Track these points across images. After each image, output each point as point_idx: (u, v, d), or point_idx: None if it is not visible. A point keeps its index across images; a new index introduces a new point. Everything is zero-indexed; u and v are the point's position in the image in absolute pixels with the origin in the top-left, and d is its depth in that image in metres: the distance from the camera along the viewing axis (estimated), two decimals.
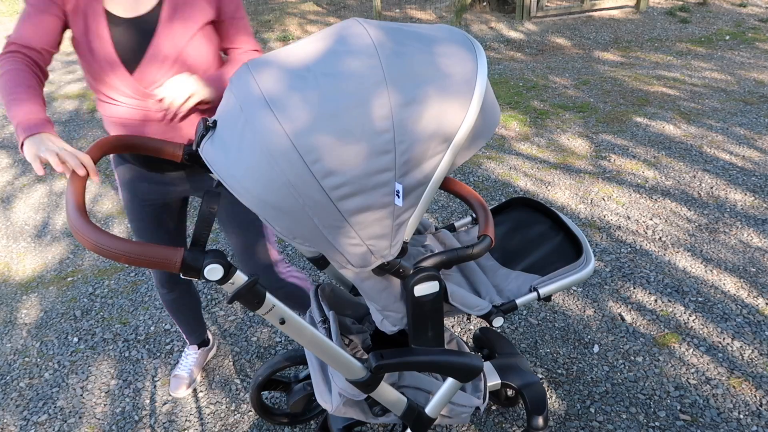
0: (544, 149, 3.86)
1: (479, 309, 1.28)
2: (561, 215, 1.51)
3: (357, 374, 1.27)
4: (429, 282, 1.18)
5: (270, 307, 1.08)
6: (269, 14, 7.94)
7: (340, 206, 0.99)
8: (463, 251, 1.18)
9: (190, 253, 0.93)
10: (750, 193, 3.17)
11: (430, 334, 1.27)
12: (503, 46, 6.43)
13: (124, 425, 2.01)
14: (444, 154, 1.01)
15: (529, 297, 1.33)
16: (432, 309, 1.23)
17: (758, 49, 5.84)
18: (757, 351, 2.13)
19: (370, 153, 0.96)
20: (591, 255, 1.39)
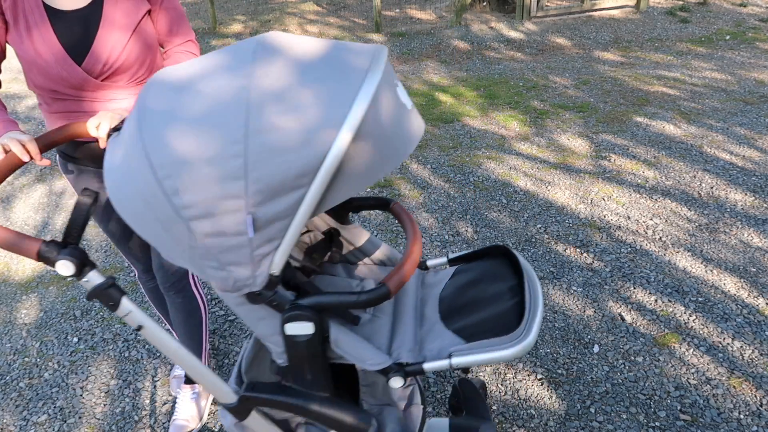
0: (544, 149, 3.86)
1: (372, 363, 1.15)
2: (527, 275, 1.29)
3: (226, 398, 1.22)
4: (301, 322, 1.08)
5: (127, 311, 1.09)
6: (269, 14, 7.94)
7: (193, 227, 0.96)
8: (347, 297, 1.07)
9: (46, 246, 0.98)
10: (750, 193, 3.17)
11: (309, 377, 1.18)
12: (503, 46, 6.43)
13: (124, 425, 2.01)
14: (307, 188, 0.93)
15: (440, 364, 1.15)
16: (308, 351, 1.13)
17: (758, 49, 5.84)
18: (757, 351, 2.13)
19: (221, 177, 0.92)
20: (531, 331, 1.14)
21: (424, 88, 5.33)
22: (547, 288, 2.53)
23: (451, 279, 1.40)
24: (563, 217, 3.06)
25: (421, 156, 3.87)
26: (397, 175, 3.61)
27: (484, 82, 5.37)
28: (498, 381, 2.07)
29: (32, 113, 5.12)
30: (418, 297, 1.38)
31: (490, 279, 1.34)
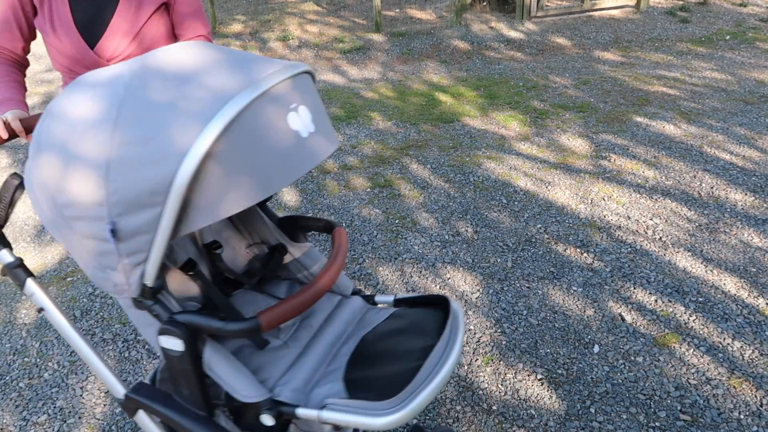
0: (544, 149, 3.86)
1: (244, 395, 1.09)
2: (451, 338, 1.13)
3: (115, 393, 1.24)
4: (171, 338, 1.07)
5: (31, 292, 1.16)
6: (269, 14, 7.93)
7: (74, 226, 1.01)
8: (215, 323, 1.04)
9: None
10: (750, 193, 3.17)
11: (185, 392, 1.16)
12: (503, 46, 6.42)
13: (124, 425, 2.01)
14: (162, 207, 0.92)
15: (310, 413, 1.07)
16: (180, 368, 1.11)
17: (758, 49, 5.84)
18: (757, 351, 2.13)
19: (88, 182, 0.95)
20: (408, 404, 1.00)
21: (424, 88, 5.33)
22: (547, 288, 2.53)
23: (383, 322, 1.31)
24: (563, 217, 3.06)
25: (421, 156, 3.87)
26: (398, 175, 3.61)
27: (484, 82, 5.37)
28: (498, 381, 2.07)
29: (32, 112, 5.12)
30: (344, 333, 1.31)
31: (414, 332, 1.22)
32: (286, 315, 1.03)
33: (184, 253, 1.35)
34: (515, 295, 2.49)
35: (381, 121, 4.56)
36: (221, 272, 1.45)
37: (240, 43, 7.04)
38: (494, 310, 2.42)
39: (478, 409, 1.96)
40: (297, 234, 1.43)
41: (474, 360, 2.17)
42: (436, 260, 2.76)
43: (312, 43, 6.93)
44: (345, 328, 1.32)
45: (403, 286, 2.59)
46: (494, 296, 2.49)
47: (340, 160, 3.88)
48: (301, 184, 3.59)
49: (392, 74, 5.90)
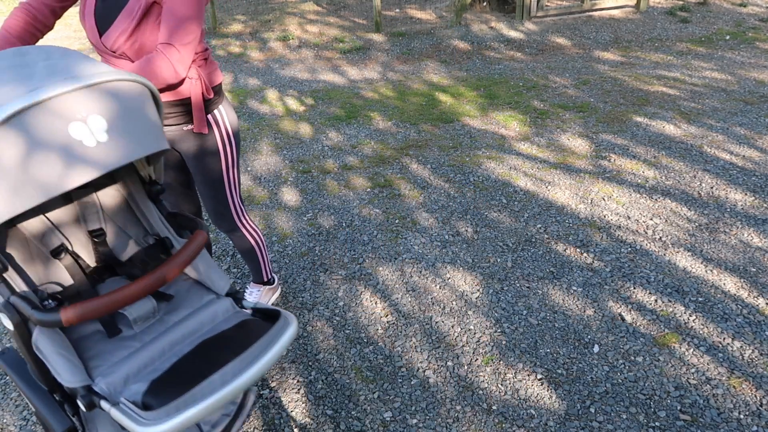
0: (544, 149, 3.86)
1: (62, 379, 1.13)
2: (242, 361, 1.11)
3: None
4: (4, 317, 1.15)
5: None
6: (269, 14, 7.94)
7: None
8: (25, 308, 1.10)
9: None
10: (750, 193, 3.17)
11: (30, 365, 1.21)
12: (503, 46, 6.43)
13: None
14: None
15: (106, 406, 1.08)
16: (20, 343, 1.17)
17: (758, 49, 5.84)
18: (757, 351, 2.13)
19: None
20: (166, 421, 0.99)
21: (424, 88, 5.33)
22: (547, 288, 2.53)
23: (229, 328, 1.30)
24: (563, 217, 3.06)
25: (421, 156, 3.87)
26: (398, 175, 3.61)
27: (484, 82, 5.38)
28: (498, 381, 2.07)
29: None
30: (197, 333, 1.30)
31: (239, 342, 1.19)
32: (88, 313, 1.07)
33: (57, 238, 1.40)
34: (515, 295, 2.49)
35: (381, 121, 4.56)
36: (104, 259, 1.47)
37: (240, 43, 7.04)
38: (494, 310, 2.42)
39: (478, 409, 1.96)
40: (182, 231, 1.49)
41: (474, 360, 2.17)
42: (436, 260, 2.76)
43: (312, 43, 6.93)
44: (199, 328, 1.30)
45: (403, 285, 2.59)
46: (494, 296, 2.50)
47: (340, 160, 3.88)
48: (301, 184, 3.59)
49: (392, 74, 5.90)
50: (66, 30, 7.87)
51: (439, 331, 2.32)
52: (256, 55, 6.59)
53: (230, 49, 6.78)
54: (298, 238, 3.01)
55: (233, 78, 5.87)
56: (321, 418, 1.96)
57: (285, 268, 2.77)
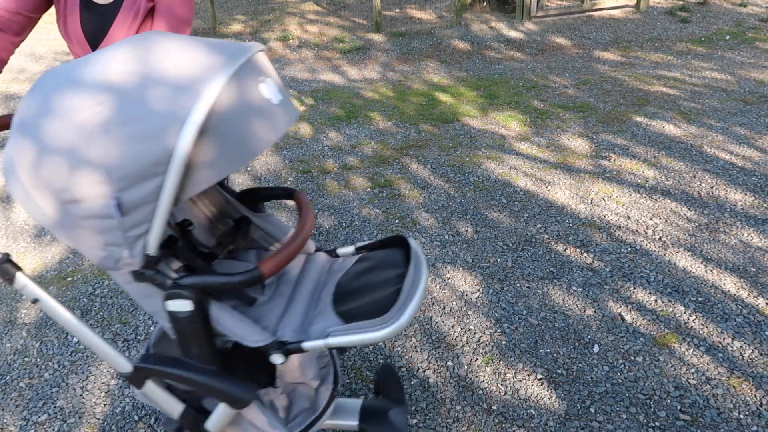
0: (544, 149, 3.86)
1: (252, 341, 1.22)
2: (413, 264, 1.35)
3: (121, 369, 1.30)
4: (180, 300, 1.17)
5: (22, 285, 1.17)
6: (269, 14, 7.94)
7: (70, 210, 1.05)
8: (221, 278, 1.16)
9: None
10: (750, 192, 3.17)
11: (195, 351, 1.26)
12: (503, 46, 6.43)
13: (124, 425, 2.01)
14: (164, 176, 1.01)
15: (317, 343, 1.23)
16: (190, 327, 1.21)
17: (758, 49, 5.84)
18: (757, 351, 2.13)
19: (85, 164, 1.00)
20: (402, 316, 1.21)
21: (424, 88, 5.33)
22: (547, 288, 2.53)
23: (352, 266, 1.48)
24: (563, 217, 3.06)
25: (421, 156, 3.87)
26: (398, 175, 3.61)
27: (484, 82, 5.38)
28: (498, 381, 2.07)
29: None
30: (320, 282, 1.46)
31: (384, 267, 1.41)
32: (283, 261, 1.15)
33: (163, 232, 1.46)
34: (515, 295, 2.49)
35: (381, 121, 4.56)
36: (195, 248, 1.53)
37: None
38: (494, 310, 2.42)
39: (478, 409, 1.96)
40: (256, 205, 1.55)
41: (474, 360, 2.17)
42: (436, 260, 2.76)
43: (312, 43, 6.93)
44: (319, 278, 1.47)
45: None
46: (494, 296, 2.50)
47: (340, 160, 3.88)
48: (301, 184, 3.59)
49: (392, 74, 5.90)
50: None
51: (439, 331, 2.32)
52: None
53: None
54: None
55: None
56: None
57: None
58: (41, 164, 1.02)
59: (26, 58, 6.73)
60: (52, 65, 6.34)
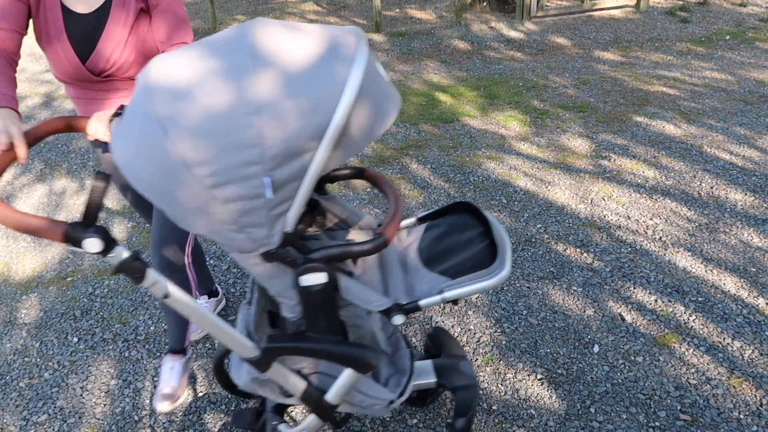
0: (544, 149, 3.86)
1: (376, 305, 1.30)
2: (492, 221, 1.49)
3: (249, 353, 1.32)
4: (315, 273, 1.21)
5: (153, 281, 1.15)
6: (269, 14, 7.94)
7: (215, 194, 1.05)
8: (353, 247, 1.21)
9: (72, 227, 1.03)
10: (750, 192, 3.17)
11: (323, 323, 1.31)
12: (503, 46, 6.42)
13: (124, 425, 2.01)
14: (315, 151, 1.05)
15: (434, 299, 1.32)
16: (321, 299, 1.26)
17: (758, 49, 5.84)
18: (757, 351, 2.13)
19: (239, 146, 1.01)
20: (505, 263, 1.35)
21: (424, 88, 5.33)
22: (547, 288, 2.53)
23: (424, 234, 1.57)
24: (563, 217, 3.06)
25: (421, 156, 3.87)
26: (398, 175, 3.61)
27: (484, 82, 5.37)
28: (498, 381, 2.07)
29: (33, 113, 5.12)
30: (397, 252, 1.54)
31: (460, 229, 1.54)
32: (397, 226, 1.24)
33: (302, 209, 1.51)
34: (515, 294, 2.49)
35: None
36: None
37: None
38: (494, 310, 2.42)
39: (478, 409, 1.96)
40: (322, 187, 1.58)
41: (474, 360, 2.17)
42: None
43: None
44: (395, 249, 1.55)
45: None
46: (494, 296, 2.49)
47: None
48: None
49: (392, 74, 5.90)
50: None
51: None
52: None
53: None
54: None
55: None
56: None
57: None
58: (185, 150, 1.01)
59: (26, 58, 6.73)
60: None
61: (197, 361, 2.25)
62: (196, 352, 2.30)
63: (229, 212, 1.08)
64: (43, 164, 4.11)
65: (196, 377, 2.18)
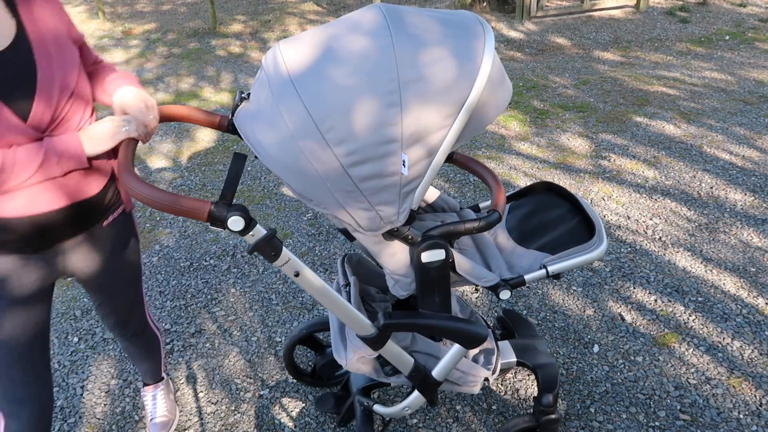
0: (544, 149, 3.86)
1: (486, 280, 1.33)
2: (580, 199, 1.55)
3: (366, 330, 1.34)
4: (435, 250, 1.24)
5: (286, 260, 1.16)
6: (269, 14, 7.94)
7: (351, 172, 1.09)
8: (469, 223, 1.24)
9: (216, 206, 1.03)
10: (750, 192, 3.18)
11: (437, 299, 1.33)
12: (503, 46, 6.43)
13: (124, 425, 2.01)
14: (449, 128, 1.08)
15: (538, 273, 1.37)
16: (438, 276, 1.29)
17: (758, 49, 5.84)
18: (757, 351, 2.13)
19: (379, 124, 1.05)
20: (603, 237, 1.41)
21: None
22: (547, 288, 2.53)
23: (509, 214, 1.61)
24: None
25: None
26: None
27: None
28: (498, 381, 2.07)
29: None
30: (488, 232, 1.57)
31: (546, 208, 1.59)
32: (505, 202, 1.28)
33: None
34: (515, 294, 2.49)
35: None
36: None
37: (240, 43, 7.04)
38: (494, 310, 2.42)
39: (477, 409, 1.96)
40: None
41: None
42: None
43: None
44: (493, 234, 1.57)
45: None
46: (494, 296, 2.50)
47: None
48: None
49: None
50: None
51: None
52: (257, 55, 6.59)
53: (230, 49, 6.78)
54: (299, 238, 3.01)
55: (233, 78, 5.87)
56: (321, 418, 1.96)
57: None
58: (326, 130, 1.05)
59: None
60: None
61: (197, 361, 2.25)
62: (195, 352, 2.30)
63: (363, 190, 1.11)
64: None
65: (196, 377, 2.18)
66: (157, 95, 5.35)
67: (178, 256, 2.93)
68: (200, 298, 2.60)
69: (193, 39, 7.08)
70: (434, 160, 1.11)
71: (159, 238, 3.09)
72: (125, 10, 8.65)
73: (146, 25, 7.72)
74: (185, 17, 8.07)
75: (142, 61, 6.41)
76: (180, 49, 6.75)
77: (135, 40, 7.17)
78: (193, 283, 2.71)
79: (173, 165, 3.96)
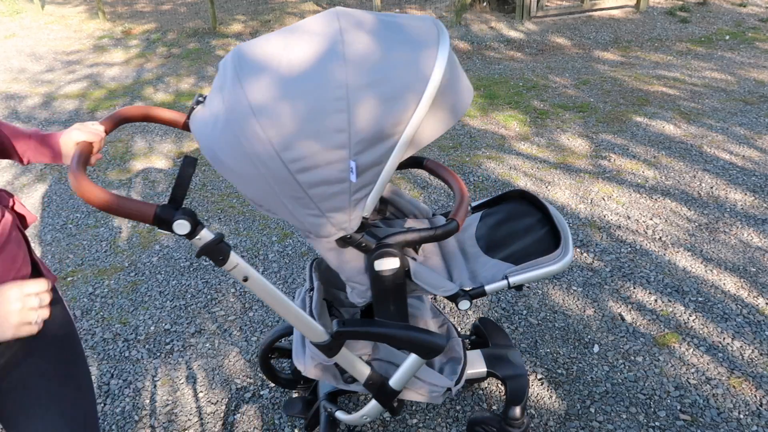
0: (544, 149, 3.86)
1: (444, 290, 1.31)
2: (550, 209, 1.53)
3: (319, 337, 1.33)
4: (389, 258, 1.23)
5: (234, 264, 1.15)
6: (269, 14, 7.94)
7: (299, 178, 1.08)
8: (425, 232, 1.23)
9: (163, 208, 1.03)
10: (750, 192, 3.17)
11: (392, 308, 1.33)
12: (503, 46, 6.43)
13: (124, 425, 2.01)
14: (400, 135, 1.07)
15: (499, 285, 1.35)
16: (393, 284, 1.28)
17: (758, 49, 5.84)
18: (757, 351, 2.13)
19: (326, 131, 1.04)
20: (569, 249, 1.39)
21: None
22: (547, 288, 2.53)
23: (480, 222, 1.60)
24: (563, 216, 3.06)
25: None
26: (398, 175, 3.61)
27: (484, 82, 5.37)
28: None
29: (33, 113, 5.12)
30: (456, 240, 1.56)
31: (517, 216, 1.57)
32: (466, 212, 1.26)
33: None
34: (515, 294, 2.49)
35: None
36: None
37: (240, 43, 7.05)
38: (494, 309, 2.42)
39: (478, 409, 1.96)
40: None
41: None
42: None
43: None
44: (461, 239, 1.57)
45: None
46: (494, 296, 2.50)
47: None
48: None
49: None
50: (66, 30, 7.87)
51: None
52: None
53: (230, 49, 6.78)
54: (299, 238, 3.01)
55: None
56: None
57: (285, 268, 2.77)
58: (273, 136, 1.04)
59: (26, 58, 6.73)
60: (53, 65, 6.34)
61: (197, 361, 2.25)
62: (195, 352, 2.30)
63: (312, 197, 1.11)
64: (44, 164, 4.11)
65: (196, 377, 2.18)
66: (157, 95, 5.35)
67: (178, 256, 2.93)
68: (200, 298, 2.60)
69: (193, 39, 7.08)
70: (385, 167, 1.10)
71: (159, 238, 3.10)
72: (125, 10, 8.65)
73: (146, 25, 7.72)
74: (185, 17, 8.07)
75: (142, 61, 6.41)
76: (180, 49, 6.75)
77: (135, 40, 7.17)
78: (193, 283, 2.71)
79: (173, 165, 3.96)
